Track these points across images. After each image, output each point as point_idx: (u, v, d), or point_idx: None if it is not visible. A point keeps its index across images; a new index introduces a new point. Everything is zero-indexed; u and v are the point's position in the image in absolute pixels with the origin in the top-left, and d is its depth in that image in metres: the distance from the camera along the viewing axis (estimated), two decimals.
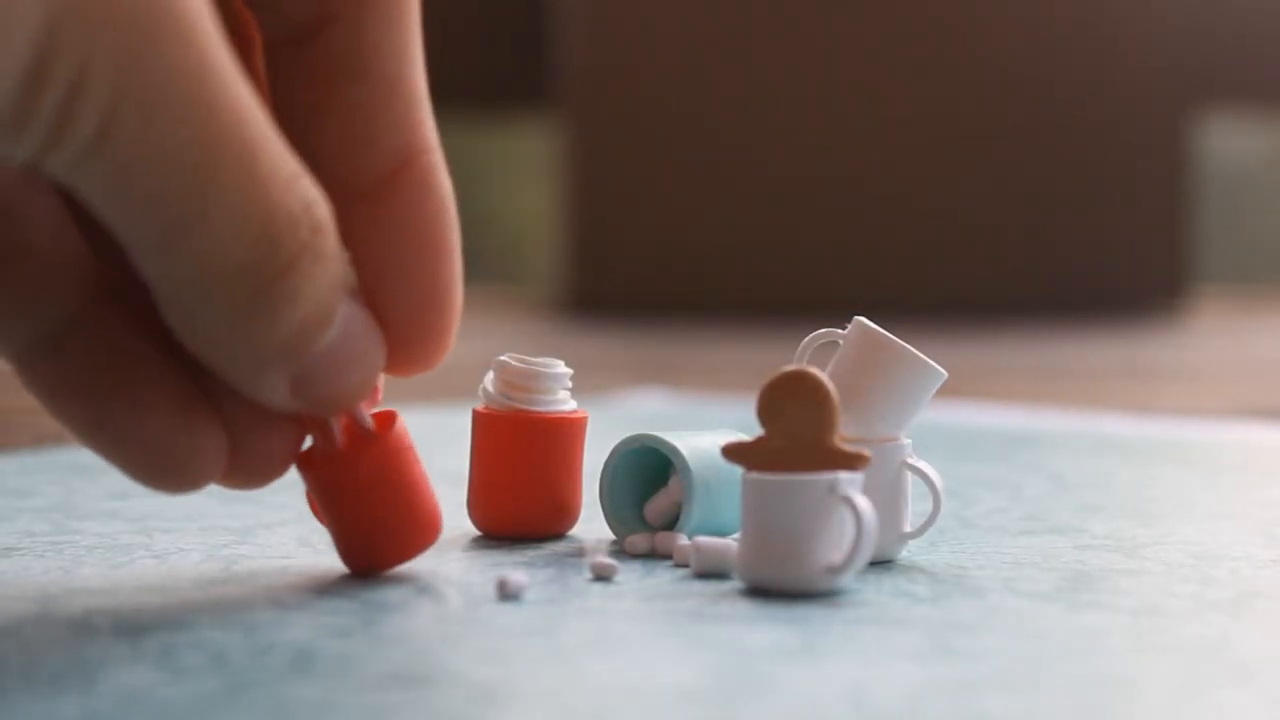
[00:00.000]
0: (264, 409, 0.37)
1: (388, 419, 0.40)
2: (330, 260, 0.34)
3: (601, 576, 0.42)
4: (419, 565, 0.42)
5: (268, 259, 0.32)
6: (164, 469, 0.36)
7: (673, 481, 0.46)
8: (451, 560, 0.44)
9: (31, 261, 0.35)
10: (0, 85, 0.28)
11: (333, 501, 0.40)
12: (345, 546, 0.41)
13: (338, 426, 0.39)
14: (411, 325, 0.37)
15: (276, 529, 0.49)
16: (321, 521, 0.42)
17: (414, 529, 0.40)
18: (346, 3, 0.36)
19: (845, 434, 0.42)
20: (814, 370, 0.41)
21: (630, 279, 1.85)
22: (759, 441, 0.40)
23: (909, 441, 0.45)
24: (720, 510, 0.46)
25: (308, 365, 0.35)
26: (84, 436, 0.36)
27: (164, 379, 0.36)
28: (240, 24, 0.37)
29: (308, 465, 0.39)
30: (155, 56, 0.30)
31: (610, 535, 0.47)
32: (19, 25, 0.28)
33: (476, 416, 0.47)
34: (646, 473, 0.47)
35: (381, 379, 0.39)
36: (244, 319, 0.33)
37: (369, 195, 0.37)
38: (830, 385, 0.40)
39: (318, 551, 0.45)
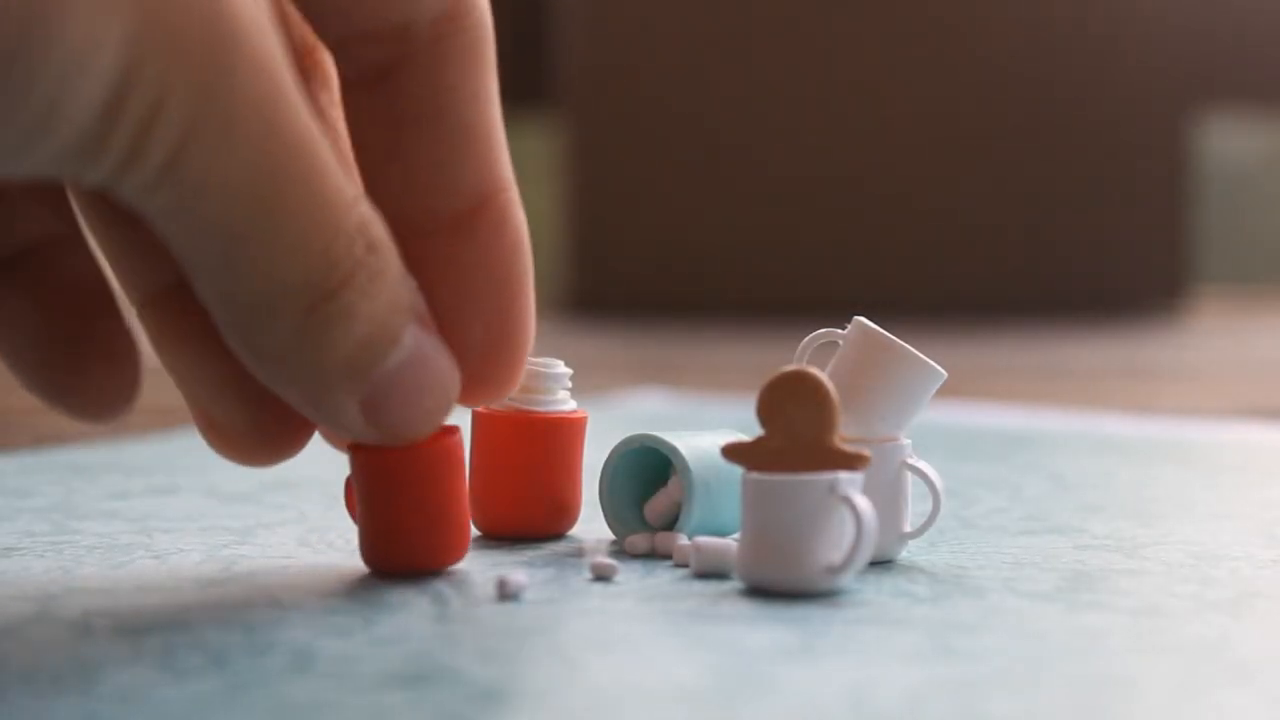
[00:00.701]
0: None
1: (450, 430, 0.41)
2: (389, 280, 0.35)
3: (601, 576, 0.42)
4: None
5: (324, 276, 0.33)
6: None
7: (672, 481, 0.46)
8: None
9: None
10: (80, 113, 0.29)
11: (380, 492, 0.40)
12: (374, 540, 0.41)
13: None
14: (485, 359, 0.39)
15: (276, 529, 0.49)
16: (352, 513, 0.42)
17: (450, 538, 0.41)
18: (422, 45, 0.36)
19: (845, 434, 0.42)
20: (814, 370, 0.41)
21: (630, 279, 1.85)
22: (759, 441, 0.40)
23: (909, 441, 0.45)
24: (720, 510, 0.46)
25: (378, 389, 0.35)
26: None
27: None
28: (310, 59, 0.38)
29: (362, 450, 0.40)
30: (229, 88, 0.31)
31: (610, 535, 0.47)
32: (100, 55, 0.29)
33: (476, 416, 0.47)
34: (646, 473, 0.47)
35: None
36: (304, 336, 0.34)
37: (445, 233, 0.37)
38: (830, 385, 0.40)
39: (318, 551, 0.45)
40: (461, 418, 0.50)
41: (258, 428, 0.39)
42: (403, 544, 0.41)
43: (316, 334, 0.34)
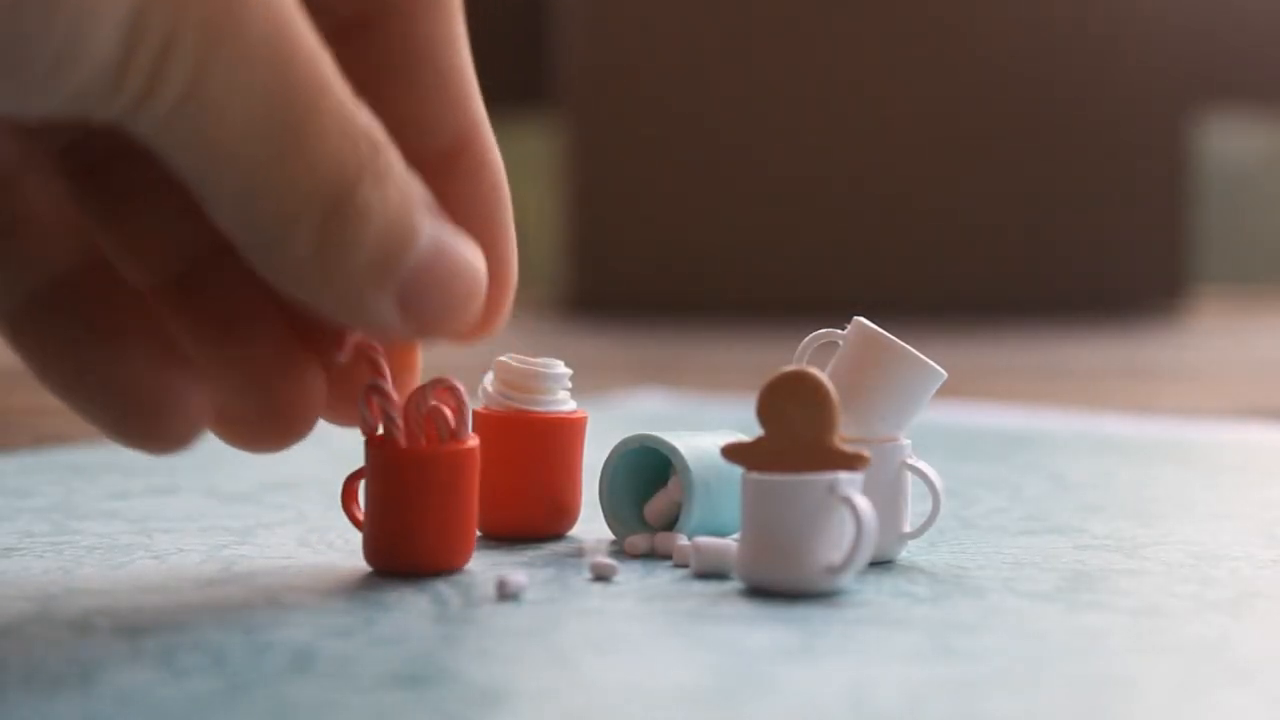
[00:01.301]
0: (291, 361, 0.39)
1: (470, 436, 0.41)
2: (398, 176, 0.35)
3: (601, 576, 0.42)
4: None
5: (337, 180, 0.34)
6: (142, 421, 0.37)
7: (672, 481, 0.46)
8: None
9: (25, 229, 0.37)
10: (98, 47, 0.30)
11: (396, 492, 0.41)
12: (384, 540, 0.41)
13: (445, 422, 0.41)
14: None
15: (276, 529, 0.49)
16: (352, 513, 0.43)
17: (460, 543, 0.42)
18: None
19: (845, 434, 0.42)
20: (814, 370, 0.41)
21: (630, 279, 1.85)
22: (759, 442, 0.40)
23: (909, 441, 0.45)
24: (720, 510, 0.46)
25: (409, 284, 0.36)
26: (67, 391, 0.37)
27: (145, 335, 0.37)
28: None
29: (383, 449, 0.41)
30: (239, 11, 0.32)
31: (610, 535, 0.47)
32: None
33: (476, 417, 0.47)
34: (646, 473, 0.47)
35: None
36: (326, 241, 0.34)
37: (428, 176, 0.38)
38: (830, 385, 0.40)
39: (317, 552, 0.45)
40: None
41: (266, 412, 0.39)
42: (413, 545, 0.41)
43: (338, 236, 0.34)
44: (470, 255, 0.37)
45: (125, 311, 0.38)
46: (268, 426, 0.39)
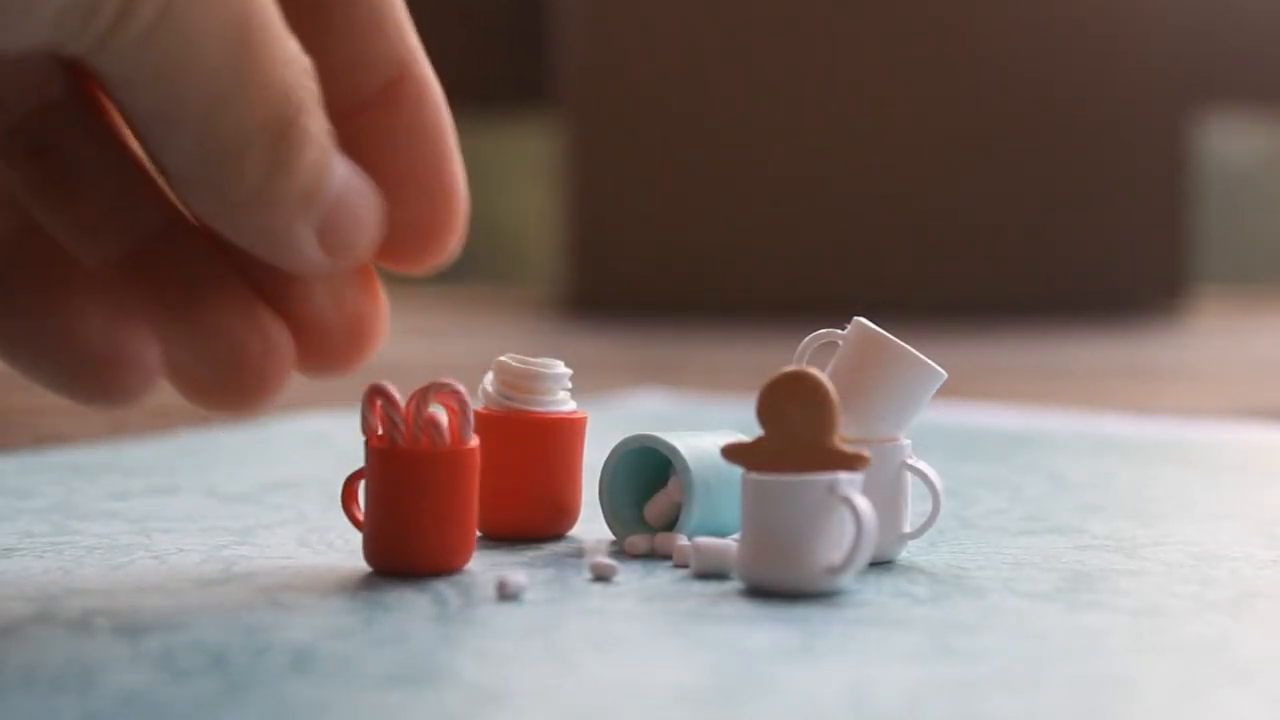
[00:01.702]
0: (256, 320, 0.39)
1: (471, 437, 0.42)
2: (320, 105, 0.37)
3: (601, 577, 0.42)
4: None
5: (284, 106, 0.35)
6: (95, 376, 0.38)
7: (672, 482, 0.46)
8: None
9: None
10: None
11: (396, 493, 0.41)
12: (384, 541, 0.41)
13: (438, 427, 0.41)
14: (427, 217, 0.40)
15: (276, 529, 0.49)
16: (352, 513, 0.43)
17: (460, 543, 0.42)
18: None
19: (845, 434, 0.42)
20: (814, 370, 0.41)
21: (630, 279, 1.85)
22: (759, 442, 0.40)
23: (909, 442, 0.45)
24: (720, 510, 0.46)
25: (328, 216, 0.37)
26: (13, 353, 0.38)
27: (93, 293, 0.38)
28: None
29: (384, 451, 0.41)
30: None
31: (610, 535, 0.47)
32: None
33: (476, 417, 0.47)
34: (646, 473, 0.47)
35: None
36: (274, 168, 0.36)
37: (372, 108, 0.40)
38: (830, 385, 0.40)
39: (317, 552, 0.45)
40: None
41: (236, 374, 0.39)
42: (412, 546, 0.41)
43: (283, 162, 0.36)
44: (368, 187, 0.38)
45: (71, 270, 0.38)
46: (240, 388, 0.39)
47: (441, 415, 0.41)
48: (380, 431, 0.41)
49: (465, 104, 1.95)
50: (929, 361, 0.44)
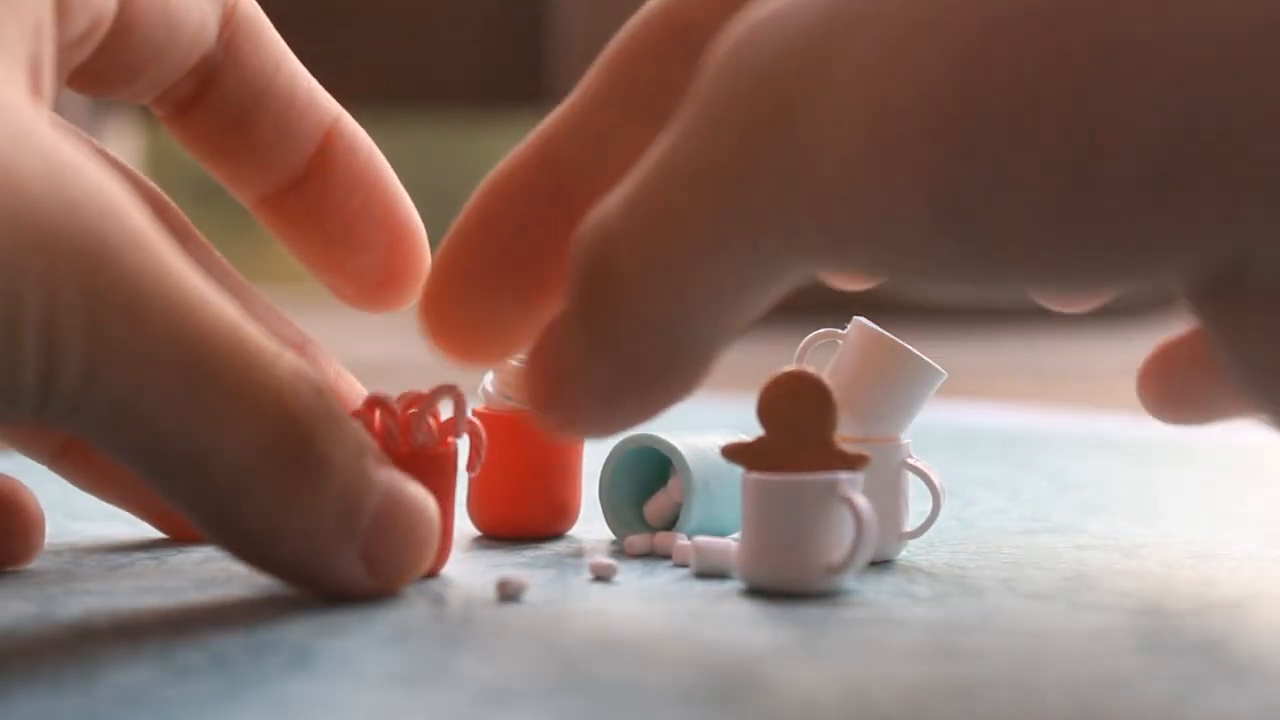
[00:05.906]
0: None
1: (450, 439, 0.41)
2: (344, 421, 0.35)
3: (601, 576, 0.42)
4: None
5: (286, 430, 0.33)
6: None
7: (672, 481, 0.46)
8: (451, 560, 0.44)
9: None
10: None
11: None
12: None
13: (426, 427, 0.40)
14: (390, 257, 0.42)
15: None
16: None
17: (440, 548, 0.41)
18: (219, 52, 0.39)
19: (845, 434, 0.42)
20: (814, 370, 0.41)
21: None
22: (759, 442, 0.40)
23: (909, 441, 0.45)
24: (720, 510, 0.46)
25: (372, 535, 0.35)
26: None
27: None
28: (162, 214, 0.40)
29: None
30: (116, 279, 0.31)
31: (610, 535, 0.47)
32: None
33: (476, 417, 0.47)
34: (646, 473, 0.47)
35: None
36: (288, 498, 0.34)
37: (311, 177, 0.41)
38: (830, 385, 0.40)
39: None
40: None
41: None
42: None
43: (299, 492, 0.34)
44: (420, 497, 0.36)
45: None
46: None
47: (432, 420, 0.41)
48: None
49: (465, 104, 1.95)
50: (929, 361, 0.45)
